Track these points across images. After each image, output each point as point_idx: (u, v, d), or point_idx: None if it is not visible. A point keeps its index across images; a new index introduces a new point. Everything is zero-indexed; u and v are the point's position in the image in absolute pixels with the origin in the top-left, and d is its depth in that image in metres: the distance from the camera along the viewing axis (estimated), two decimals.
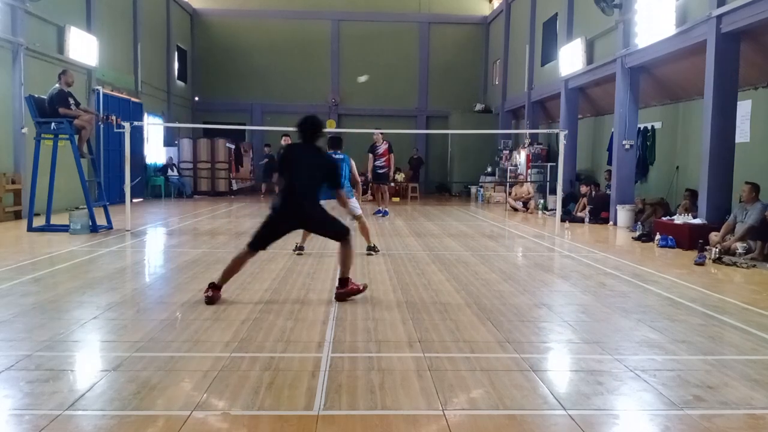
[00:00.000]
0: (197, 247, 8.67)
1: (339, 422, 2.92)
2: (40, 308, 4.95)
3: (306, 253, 8.03)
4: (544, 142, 19.19)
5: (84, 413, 2.96)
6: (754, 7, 8.55)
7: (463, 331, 4.47)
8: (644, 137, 13.79)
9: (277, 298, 5.47)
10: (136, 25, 18.47)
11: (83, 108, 10.42)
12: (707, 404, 3.19)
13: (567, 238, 10.50)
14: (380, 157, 14.50)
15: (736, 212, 8.61)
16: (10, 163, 12.20)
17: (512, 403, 3.16)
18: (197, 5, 24.38)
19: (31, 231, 9.79)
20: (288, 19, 24.68)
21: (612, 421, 3.03)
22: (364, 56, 24.84)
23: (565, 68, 15.64)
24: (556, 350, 4.21)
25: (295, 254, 7.94)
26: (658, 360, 3.92)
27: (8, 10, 12.00)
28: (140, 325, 4.51)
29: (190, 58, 24.22)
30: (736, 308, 5.44)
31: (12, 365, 3.58)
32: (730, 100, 9.61)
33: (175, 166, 20.10)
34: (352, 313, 4.99)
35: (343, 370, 3.62)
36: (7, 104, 12.12)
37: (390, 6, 25.06)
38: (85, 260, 7.39)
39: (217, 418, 2.96)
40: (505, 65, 22.46)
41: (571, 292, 6.01)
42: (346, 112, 24.86)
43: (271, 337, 4.24)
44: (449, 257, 7.98)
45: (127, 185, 10.67)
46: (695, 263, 7.81)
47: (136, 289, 5.95)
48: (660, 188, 13.22)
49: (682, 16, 10.51)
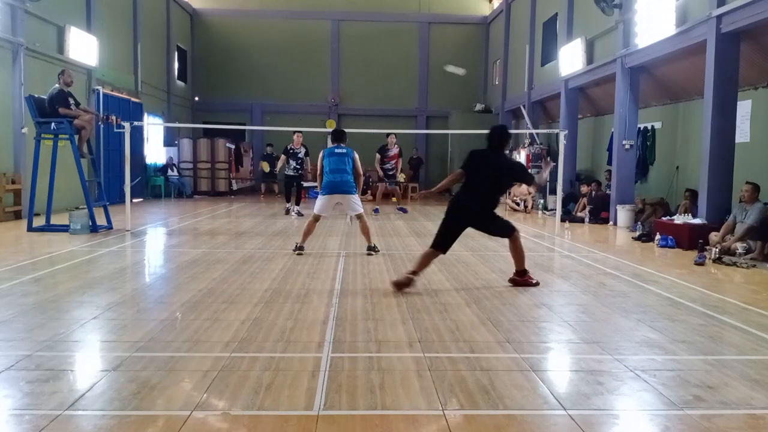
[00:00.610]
0: (197, 247, 8.67)
1: (339, 422, 2.92)
2: (40, 308, 4.95)
3: (306, 253, 8.03)
4: (544, 142, 19.19)
5: (84, 413, 2.96)
6: (754, 7, 8.55)
7: (463, 331, 4.47)
8: (644, 137, 13.79)
9: (277, 298, 5.47)
10: (136, 25, 18.47)
11: (83, 108, 10.42)
12: (707, 404, 3.19)
13: (567, 238, 10.50)
14: (389, 160, 14.67)
15: (736, 212, 8.61)
16: (10, 163, 12.21)
17: (512, 403, 3.16)
18: (197, 5, 24.37)
19: (31, 231, 9.80)
20: (288, 19, 24.67)
21: (612, 421, 3.03)
22: (364, 56, 24.86)
23: (565, 68, 15.64)
24: (556, 350, 4.21)
25: (295, 254, 7.94)
26: (658, 360, 3.92)
27: (8, 10, 12.00)
28: (140, 325, 4.51)
29: (190, 58, 24.22)
30: (736, 308, 5.44)
31: (12, 365, 3.58)
32: (730, 100, 9.61)
33: (175, 166, 20.11)
34: (352, 313, 4.99)
35: (343, 370, 3.62)
36: (7, 104, 12.12)
37: (390, 6, 25.06)
38: (85, 260, 7.39)
39: (217, 418, 2.96)
40: (505, 65, 22.46)
41: (571, 292, 6.01)
42: (345, 112, 24.86)
43: (271, 337, 4.24)
44: (449, 257, 7.95)
45: (127, 185, 10.67)
46: (695, 263, 7.81)
47: (136, 289, 5.95)
48: (660, 188, 13.22)
49: (682, 16, 10.51)
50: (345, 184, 7.93)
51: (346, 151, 8.05)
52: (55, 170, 10.18)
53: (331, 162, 7.97)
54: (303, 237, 8.14)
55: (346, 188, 7.94)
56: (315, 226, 8.16)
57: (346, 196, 7.98)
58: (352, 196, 8.00)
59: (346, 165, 7.96)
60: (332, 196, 7.98)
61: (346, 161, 7.97)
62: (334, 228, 11.08)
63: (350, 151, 8.10)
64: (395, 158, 14.72)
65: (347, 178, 7.96)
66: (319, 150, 8.72)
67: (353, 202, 8.03)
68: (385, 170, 14.74)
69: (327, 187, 7.94)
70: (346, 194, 7.96)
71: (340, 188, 7.91)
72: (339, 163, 7.95)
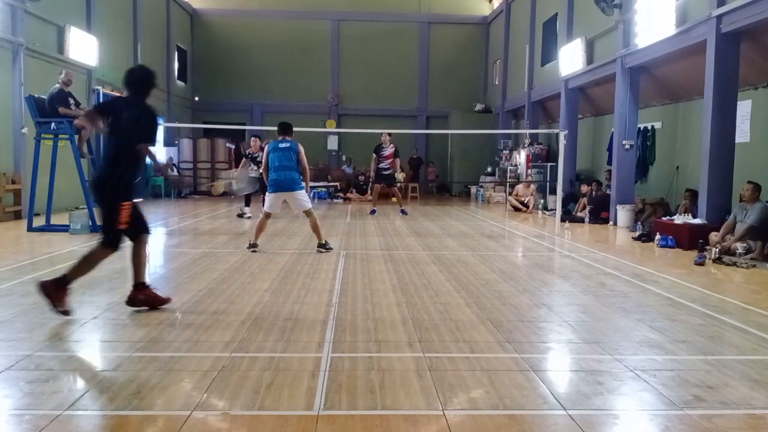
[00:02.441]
0: (197, 247, 8.66)
1: (339, 422, 2.92)
2: (40, 308, 4.94)
3: (306, 253, 8.03)
4: (544, 142, 19.20)
5: (84, 413, 2.96)
6: (754, 7, 8.55)
7: (463, 331, 4.47)
8: (644, 137, 13.80)
9: (277, 298, 5.47)
10: (136, 25, 18.47)
11: (83, 108, 10.41)
12: (707, 404, 3.19)
13: (567, 238, 10.50)
14: (385, 159, 14.22)
15: (736, 212, 8.61)
16: (10, 163, 12.20)
17: (512, 403, 3.16)
18: (197, 5, 24.37)
19: (31, 231, 9.79)
20: (288, 19, 24.67)
21: (612, 421, 3.03)
22: (364, 56, 24.86)
23: (565, 68, 15.63)
24: (556, 350, 4.21)
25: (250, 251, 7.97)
26: (658, 360, 3.92)
27: (8, 10, 12.00)
28: (140, 325, 4.50)
29: (190, 58, 24.22)
30: (736, 308, 5.44)
31: (12, 365, 3.58)
32: (730, 100, 9.61)
33: (175, 166, 20.11)
34: (352, 313, 4.98)
35: (343, 370, 3.62)
36: (7, 104, 12.12)
37: (390, 6, 25.05)
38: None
39: (217, 418, 2.96)
40: (505, 65, 22.46)
41: (571, 292, 6.01)
42: (345, 112, 24.86)
43: (271, 337, 4.24)
44: (449, 257, 7.98)
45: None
46: (695, 263, 7.81)
47: None
48: (660, 188, 13.23)
49: (682, 16, 10.51)
50: (290, 182, 7.88)
51: (291, 145, 7.95)
52: (55, 170, 10.18)
53: (275, 158, 7.92)
54: (256, 234, 8.11)
55: (292, 185, 7.88)
56: (267, 223, 8.16)
57: (292, 193, 7.92)
58: (297, 192, 7.92)
59: (291, 161, 7.88)
60: (278, 194, 7.95)
61: (291, 156, 7.89)
62: (334, 228, 11.09)
63: (294, 144, 8.01)
64: (391, 157, 14.26)
65: (292, 175, 7.88)
66: (319, 150, 8.72)
67: (299, 199, 7.96)
68: (382, 170, 14.25)
69: (273, 184, 7.92)
70: (291, 191, 7.91)
71: (285, 186, 7.88)
72: (283, 159, 7.89)
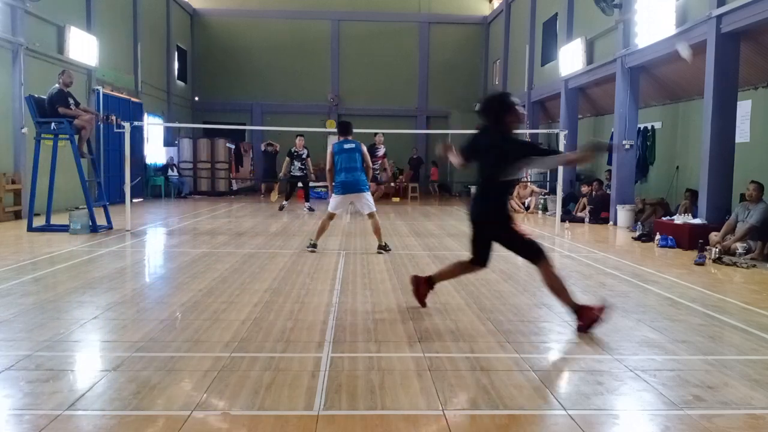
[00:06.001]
0: (197, 247, 8.66)
1: (339, 422, 2.92)
2: (40, 308, 4.95)
3: (306, 252, 8.04)
4: (544, 142, 19.19)
5: (84, 413, 2.96)
6: (754, 7, 8.55)
7: (463, 331, 4.47)
8: (644, 137, 13.80)
9: (277, 298, 5.47)
10: (136, 25, 18.47)
11: (83, 108, 10.41)
12: (707, 404, 3.19)
13: (567, 238, 10.50)
14: (377, 160, 14.83)
15: (738, 211, 8.60)
16: (10, 163, 12.20)
17: (512, 403, 3.16)
18: (197, 5, 24.37)
19: (31, 231, 9.79)
20: (288, 19, 24.68)
21: (612, 421, 3.03)
22: (364, 56, 24.86)
23: (565, 68, 15.64)
24: (556, 350, 4.21)
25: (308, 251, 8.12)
26: (658, 360, 3.91)
27: (8, 10, 12.00)
28: (140, 325, 4.50)
29: (190, 58, 24.22)
30: (736, 308, 5.43)
31: (12, 365, 3.58)
32: (730, 100, 9.61)
33: (175, 166, 20.12)
34: (352, 313, 4.98)
35: (343, 370, 3.61)
36: (7, 104, 12.12)
37: (390, 6, 25.06)
38: (85, 260, 7.38)
39: (217, 418, 2.96)
40: (505, 65, 22.45)
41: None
42: (345, 112, 24.80)
43: (271, 337, 4.24)
44: (449, 257, 7.96)
45: (127, 185, 10.66)
46: (695, 263, 7.81)
47: (136, 289, 5.94)
48: (660, 188, 13.23)
49: (682, 16, 10.51)
50: (358, 183, 7.93)
51: (355, 146, 7.99)
52: (55, 170, 10.18)
53: (342, 160, 7.92)
54: (317, 234, 8.20)
55: (359, 187, 7.94)
56: (329, 224, 8.22)
57: (360, 194, 7.99)
58: (365, 194, 8.00)
59: (357, 162, 7.91)
60: (346, 196, 7.99)
61: (356, 158, 7.92)
62: (334, 228, 11.07)
63: (358, 145, 8.05)
64: (382, 159, 15.16)
65: (359, 176, 7.93)
66: (319, 150, 8.73)
67: (366, 200, 8.04)
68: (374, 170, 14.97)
69: (340, 186, 7.93)
70: (360, 193, 7.98)
71: (354, 188, 7.92)
72: (350, 160, 7.90)
